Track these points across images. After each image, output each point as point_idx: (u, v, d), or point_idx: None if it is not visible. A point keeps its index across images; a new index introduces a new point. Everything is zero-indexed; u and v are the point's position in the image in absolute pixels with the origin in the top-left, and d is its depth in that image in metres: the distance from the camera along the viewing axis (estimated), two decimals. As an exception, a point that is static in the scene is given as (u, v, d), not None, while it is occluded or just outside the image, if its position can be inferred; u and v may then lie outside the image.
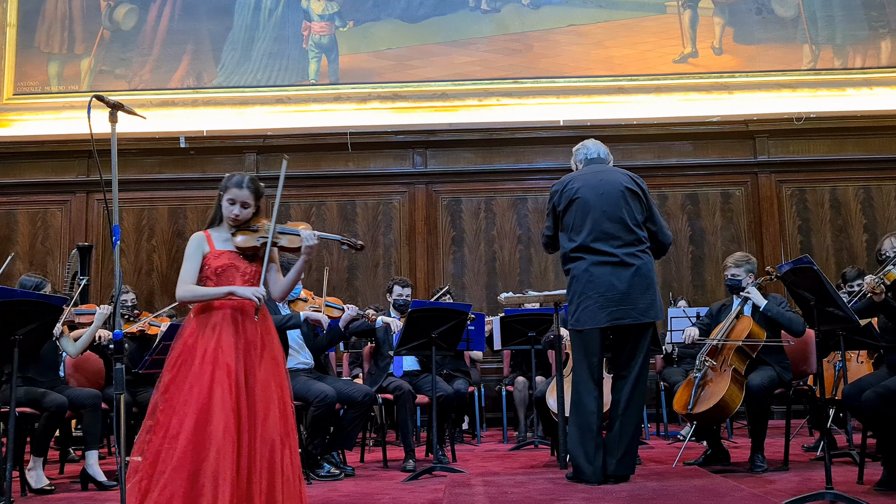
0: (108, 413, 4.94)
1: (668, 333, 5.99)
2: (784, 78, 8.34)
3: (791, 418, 4.88)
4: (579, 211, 4.24)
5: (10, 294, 3.77)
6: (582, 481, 4.04)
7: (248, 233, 3.11)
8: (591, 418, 4.09)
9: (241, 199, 3.08)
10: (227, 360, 2.90)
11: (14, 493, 4.17)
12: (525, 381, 6.51)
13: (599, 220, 4.19)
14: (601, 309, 4.12)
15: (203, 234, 3.12)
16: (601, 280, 4.13)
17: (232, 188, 3.08)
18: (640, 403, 4.25)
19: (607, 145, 4.58)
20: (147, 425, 2.88)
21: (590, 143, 4.59)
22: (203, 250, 3.07)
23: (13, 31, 8.66)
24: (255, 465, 2.85)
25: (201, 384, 2.85)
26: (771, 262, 7.43)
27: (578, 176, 4.39)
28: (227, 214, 3.10)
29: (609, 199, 4.22)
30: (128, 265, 8.16)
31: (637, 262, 4.17)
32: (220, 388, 2.85)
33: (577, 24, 8.54)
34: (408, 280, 5.98)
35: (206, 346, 2.92)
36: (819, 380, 3.55)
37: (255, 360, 2.97)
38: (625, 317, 4.12)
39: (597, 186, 4.27)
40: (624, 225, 4.20)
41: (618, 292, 4.11)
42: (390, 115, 8.43)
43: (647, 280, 4.18)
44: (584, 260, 4.19)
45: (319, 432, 4.63)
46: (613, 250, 4.16)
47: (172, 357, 2.96)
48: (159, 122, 8.12)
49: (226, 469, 2.77)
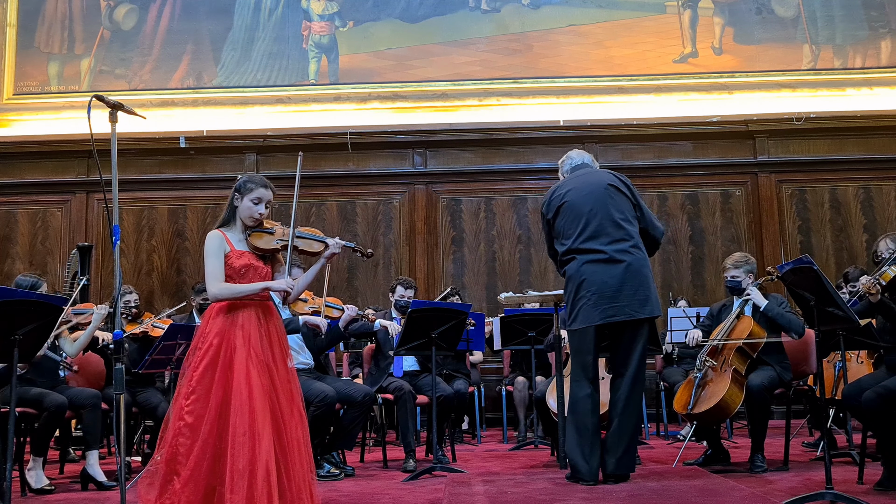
0: (108, 413, 4.94)
1: (669, 333, 5.99)
2: (784, 78, 8.34)
3: (791, 418, 4.88)
4: (568, 215, 4.26)
5: (10, 294, 3.76)
6: (579, 481, 4.03)
7: (265, 234, 3.14)
8: (586, 417, 4.08)
9: (266, 199, 3.16)
10: (260, 359, 2.94)
11: (14, 493, 4.16)
12: (525, 381, 6.51)
13: (588, 219, 4.20)
14: (594, 307, 4.11)
15: (220, 233, 3.14)
16: (593, 278, 4.12)
17: (259, 188, 3.15)
18: (639, 402, 4.24)
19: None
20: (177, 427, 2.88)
21: (574, 153, 4.63)
22: (225, 249, 3.09)
23: (13, 31, 8.66)
24: (288, 460, 2.90)
25: (241, 384, 2.88)
26: (771, 262, 7.43)
27: (564, 183, 4.43)
28: (249, 214, 3.14)
29: (594, 197, 4.23)
30: (128, 265, 8.16)
31: (628, 259, 4.15)
32: (259, 387, 2.89)
33: (577, 24, 8.54)
34: (412, 281, 5.95)
35: (239, 345, 2.95)
36: (819, 380, 3.55)
37: (279, 359, 3.01)
38: (618, 314, 4.10)
39: (581, 188, 4.30)
40: (612, 221, 4.19)
41: (610, 289, 4.09)
42: (390, 115, 8.43)
43: (639, 276, 4.15)
44: (576, 260, 4.20)
45: (319, 432, 4.63)
46: (603, 247, 4.15)
47: (197, 359, 2.97)
48: (159, 122, 8.12)
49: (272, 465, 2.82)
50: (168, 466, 2.85)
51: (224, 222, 3.18)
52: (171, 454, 2.85)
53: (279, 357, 3.03)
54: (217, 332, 2.98)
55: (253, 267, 3.10)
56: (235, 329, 2.98)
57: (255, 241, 3.11)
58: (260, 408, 2.86)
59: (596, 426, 4.10)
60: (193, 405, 2.87)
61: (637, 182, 8.10)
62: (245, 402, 2.85)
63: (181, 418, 2.87)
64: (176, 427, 2.88)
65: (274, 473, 2.81)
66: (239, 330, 2.98)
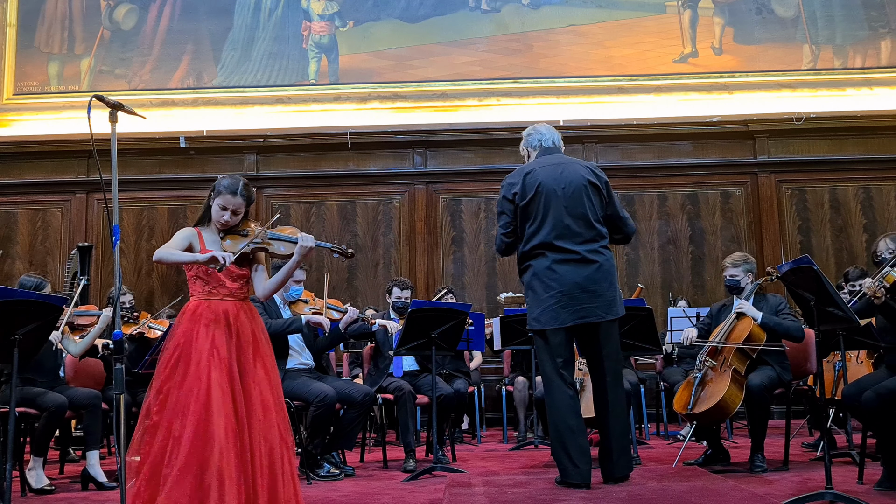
0: (108, 413, 4.94)
1: (668, 333, 5.99)
2: (784, 78, 8.34)
3: (791, 418, 4.88)
4: (541, 205, 4.11)
5: (10, 294, 3.76)
6: (569, 485, 3.93)
7: (238, 237, 3.10)
8: (569, 420, 3.97)
9: (232, 206, 3.07)
10: (222, 359, 2.90)
11: (14, 493, 4.16)
12: (525, 381, 6.51)
13: (561, 216, 4.08)
14: (564, 308, 4.01)
15: (195, 231, 3.11)
16: (565, 278, 4.02)
17: (225, 194, 3.06)
18: (624, 401, 4.17)
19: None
20: (144, 426, 2.87)
21: (543, 128, 4.41)
22: (193, 244, 3.06)
23: (13, 31, 8.66)
24: (257, 464, 2.85)
25: (199, 384, 2.85)
26: (771, 262, 7.43)
27: (538, 168, 4.20)
28: (216, 218, 3.09)
29: (571, 194, 4.11)
30: (128, 265, 8.17)
31: (599, 259, 4.08)
32: (219, 387, 2.86)
33: (577, 24, 8.54)
34: (408, 282, 5.95)
35: (202, 345, 2.91)
36: (819, 380, 3.55)
37: (249, 359, 2.97)
38: (590, 315, 4.02)
39: (558, 180, 4.13)
40: (586, 221, 4.11)
41: (581, 290, 4.01)
42: (390, 115, 8.43)
43: (609, 276, 4.10)
44: (546, 257, 4.08)
45: (319, 432, 4.63)
46: (575, 247, 4.06)
47: (165, 357, 2.95)
48: (159, 122, 8.13)
49: (230, 468, 2.78)
50: (138, 466, 2.84)
51: (200, 221, 3.14)
52: (142, 453, 2.85)
53: (251, 358, 2.97)
54: (184, 332, 2.95)
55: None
56: (200, 328, 2.94)
57: (226, 245, 3.06)
58: (217, 410, 2.81)
59: (581, 427, 4.00)
60: (159, 405, 2.86)
61: (637, 182, 8.27)
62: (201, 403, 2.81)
63: (149, 418, 2.87)
64: (144, 426, 2.87)
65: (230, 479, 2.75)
66: (204, 328, 2.94)
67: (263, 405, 2.94)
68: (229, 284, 3.04)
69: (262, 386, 2.96)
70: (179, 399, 2.85)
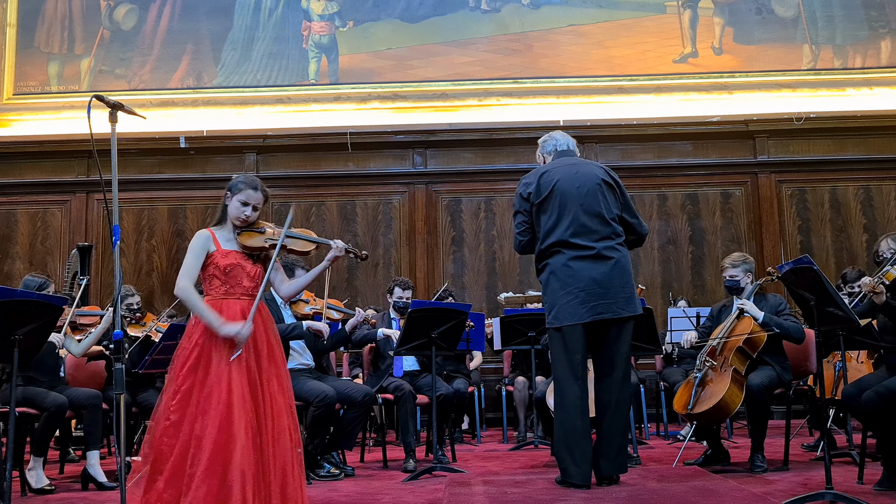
0: (108, 413, 4.94)
1: (669, 333, 5.99)
2: (784, 78, 8.34)
3: (791, 418, 4.88)
4: (557, 204, 4.15)
5: (10, 294, 3.76)
6: (570, 485, 3.93)
7: (254, 234, 3.13)
8: (576, 419, 3.97)
9: (254, 201, 3.13)
10: (241, 359, 2.94)
11: (14, 493, 4.16)
12: (525, 381, 6.51)
13: (577, 214, 4.11)
14: (582, 304, 4.02)
15: (209, 232, 3.14)
16: (581, 274, 4.04)
17: (247, 189, 3.12)
18: (627, 402, 4.19)
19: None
20: (161, 426, 2.88)
21: (558, 134, 4.52)
22: (209, 249, 3.09)
23: (13, 31, 8.66)
24: (270, 465, 2.90)
25: (221, 384, 2.88)
26: (771, 262, 7.43)
27: (553, 168, 4.27)
28: (236, 215, 3.13)
29: (586, 192, 4.14)
30: (128, 265, 8.17)
31: (616, 255, 4.10)
32: (239, 386, 2.89)
33: (577, 24, 8.54)
34: (409, 282, 5.94)
35: (222, 345, 2.94)
36: (819, 380, 3.55)
37: (264, 362, 3.01)
38: (606, 311, 4.03)
39: (573, 179, 4.18)
40: (601, 219, 4.13)
41: (598, 286, 4.03)
42: (390, 115, 8.43)
43: (625, 273, 4.12)
44: (563, 254, 4.10)
45: (319, 432, 4.63)
46: (592, 244, 4.08)
47: (182, 358, 2.96)
48: (159, 122, 8.12)
49: (250, 467, 2.81)
50: (153, 466, 2.85)
51: (219, 221, 3.19)
52: (157, 454, 2.86)
53: (265, 359, 3.00)
54: (202, 332, 2.97)
55: (240, 266, 3.07)
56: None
57: (243, 240, 3.11)
58: (238, 409, 2.84)
59: (586, 428, 4.00)
60: (178, 404, 2.88)
61: (637, 182, 8.26)
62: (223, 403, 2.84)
63: (167, 418, 2.88)
64: (161, 427, 2.88)
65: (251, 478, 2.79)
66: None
67: (276, 407, 2.98)
68: (246, 283, 3.08)
69: (275, 388, 3.00)
70: (201, 399, 2.87)
